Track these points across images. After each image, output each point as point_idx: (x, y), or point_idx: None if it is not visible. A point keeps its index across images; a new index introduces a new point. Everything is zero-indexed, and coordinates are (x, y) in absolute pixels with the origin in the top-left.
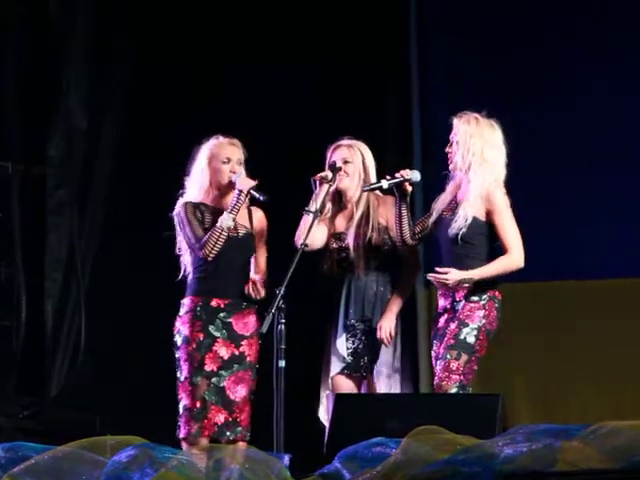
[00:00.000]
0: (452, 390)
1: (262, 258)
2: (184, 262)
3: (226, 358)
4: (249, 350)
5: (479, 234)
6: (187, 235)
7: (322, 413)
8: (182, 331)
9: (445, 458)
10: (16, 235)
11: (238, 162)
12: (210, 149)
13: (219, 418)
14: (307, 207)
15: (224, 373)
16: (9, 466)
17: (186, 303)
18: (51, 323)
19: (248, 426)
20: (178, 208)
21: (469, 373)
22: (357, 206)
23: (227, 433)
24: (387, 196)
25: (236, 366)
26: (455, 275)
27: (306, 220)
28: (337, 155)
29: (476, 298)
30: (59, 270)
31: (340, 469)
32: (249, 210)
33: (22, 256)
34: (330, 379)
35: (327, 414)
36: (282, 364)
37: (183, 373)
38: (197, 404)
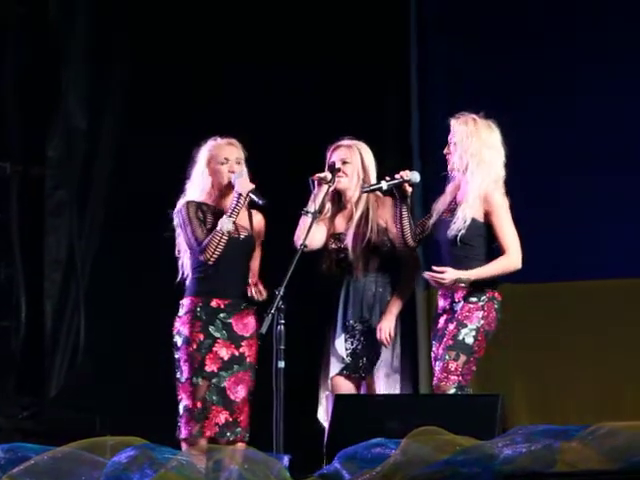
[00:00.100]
0: (450, 391)
1: (256, 261)
2: (183, 265)
3: (226, 359)
4: (249, 351)
5: (478, 235)
6: (187, 236)
7: (321, 414)
8: (182, 332)
9: (445, 459)
10: (15, 236)
11: (237, 161)
12: (208, 150)
13: (220, 418)
14: (305, 208)
15: (224, 374)
16: (8, 467)
17: (185, 304)
18: (50, 323)
19: (247, 427)
20: (180, 206)
21: (467, 374)
22: (356, 207)
23: (227, 434)
24: (387, 197)
25: (236, 367)
26: (451, 274)
27: (305, 221)
28: (336, 156)
29: (475, 299)
30: (58, 270)
31: (340, 470)
32: (249, 213)
33: (21, 257)
34: (329, 380)
35: (326, 415)
36: (281, 365)
37: (183, 374)
38: (198, 405)
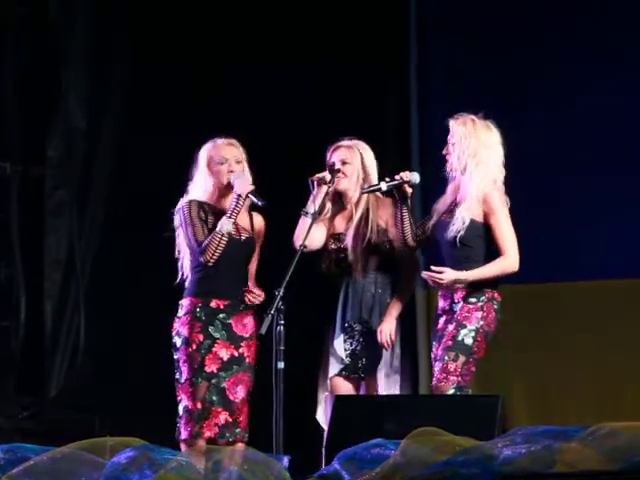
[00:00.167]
0: (450, 391)
1: (254, 264)
2: (182, 266)
3: (225, 359)
4: (248, 351)
5: (477, 236)
6: (188, 236)
7: (320, 415)
8: (181, 332)
9: (444, 459)
10: (15, 236)
11: (236, 161)
12: (208, 151)
13: (220, 419)
14: (305, 208)
15: (223, 374)
16: (8, 467)
17: (185, 304)
18: (50, 323)
19: (246, 427)
20: (182, 205)
21: (467, 374)
22: (356, 207)
23: (227, 434)
24: (387, 198)
25: (235, 367)
26: (450, 275)
27: (304, 221)
28: (336, 156)
29: (474, 299)
30: (58, 270)
31: (339, 470)
32: (250, 214)
33: (21, 257)
34: (328, 380)
35: (325, 416)
36: (281, 365)
37: (183, 374)
38: (198, 405)
